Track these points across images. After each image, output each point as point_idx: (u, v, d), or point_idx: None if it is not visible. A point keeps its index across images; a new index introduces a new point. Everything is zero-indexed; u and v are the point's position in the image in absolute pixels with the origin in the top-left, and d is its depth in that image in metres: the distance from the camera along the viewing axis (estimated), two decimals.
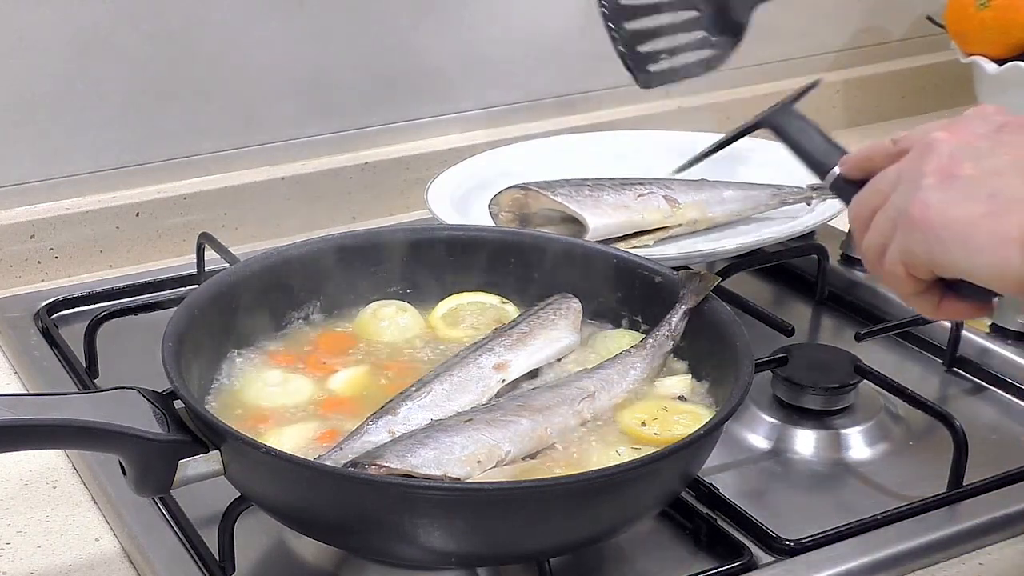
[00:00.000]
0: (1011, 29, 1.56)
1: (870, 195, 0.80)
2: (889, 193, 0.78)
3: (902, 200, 0.76)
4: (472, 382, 0.91)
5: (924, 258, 0.75)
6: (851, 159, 0.86)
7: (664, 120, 1.54)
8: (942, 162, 0.75)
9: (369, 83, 1.39)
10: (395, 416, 0.87)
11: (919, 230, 0.74)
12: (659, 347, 0.95)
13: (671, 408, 0.91)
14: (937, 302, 0.78)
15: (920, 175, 0.76)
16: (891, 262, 0.77)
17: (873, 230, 0.79)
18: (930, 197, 0.74)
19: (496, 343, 0.94)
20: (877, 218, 0.79)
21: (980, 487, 0.95)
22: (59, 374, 1.09)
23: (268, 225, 1.35)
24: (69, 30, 1.24)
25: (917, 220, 0.74)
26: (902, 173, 0.78)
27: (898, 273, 0.77)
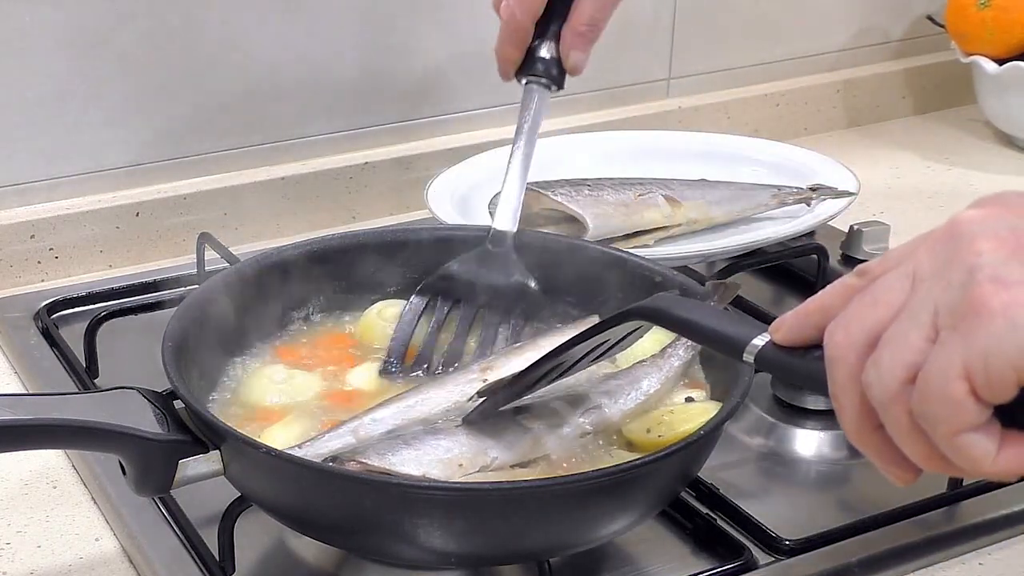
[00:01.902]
0: (1011, 29, 1.56)
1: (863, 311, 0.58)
2: (901, 300, 0.56)
3: (946, 293, 0.54)
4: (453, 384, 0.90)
5: (1012, 359, 0.52)
6: (787, 317, 0.63)
7: (664, 120, 1.54)
8: (1002, 236, 0.54)
9: (369, 83, 1.39)
10: (360, 420, 0.86)
11: (1002, 319, 0.52)
12: (677, 358, 0.92)
13: (677, 411, 0.89)
14: (998, 444, 0.54)
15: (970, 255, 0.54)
16: (940, 382, 0.53)
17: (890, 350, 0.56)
18: (1007, 273, 0.53)
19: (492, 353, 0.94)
20: (893, 331, 0.56)
21: (980, 487, 0.94)
22: (59, 374, 1.09)
23: (268, 225, 1.35)
24: (69, 30, 1.24)
25: (995, 306, 0.52)
26: (920, 269, 0.56)
27: (954, 396, 0.53)
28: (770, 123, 1.61)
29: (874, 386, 0.56)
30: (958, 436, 0.54)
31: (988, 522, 0.92)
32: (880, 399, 0.56)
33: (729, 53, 1.60)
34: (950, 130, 1.68)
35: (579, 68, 1.09)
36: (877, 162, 1.57)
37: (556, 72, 1.08)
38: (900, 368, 0.55)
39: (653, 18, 1.52)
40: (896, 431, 0.56)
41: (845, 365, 0.57)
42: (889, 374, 0.55)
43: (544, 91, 1.09)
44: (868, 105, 1.69)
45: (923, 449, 0.56)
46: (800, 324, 0.62)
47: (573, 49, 1.07)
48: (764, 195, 1.27)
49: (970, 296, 0.53)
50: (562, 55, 1.08)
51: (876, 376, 0.56)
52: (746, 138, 1.44)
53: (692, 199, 1.24)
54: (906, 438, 0.56)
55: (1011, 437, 0.54)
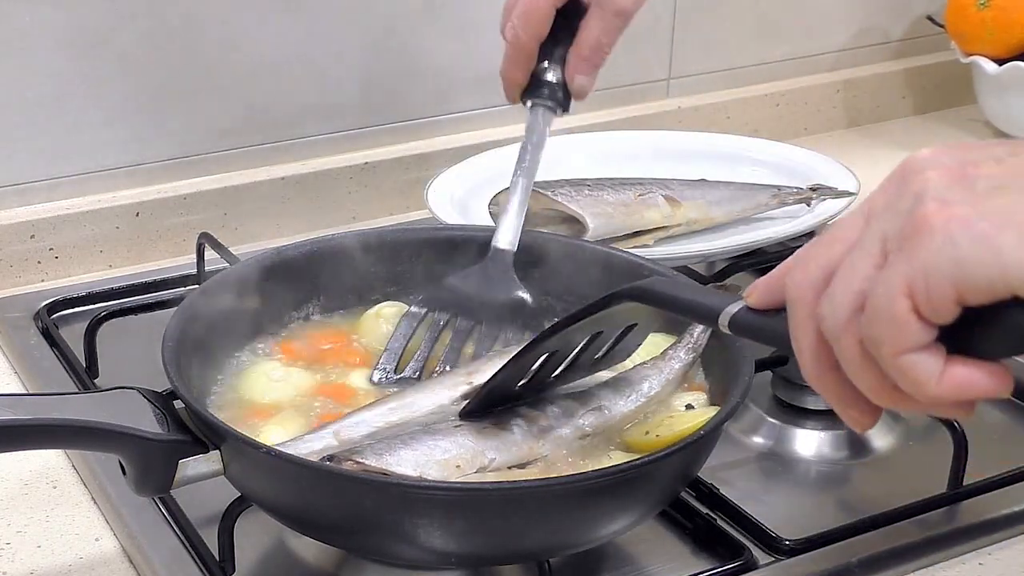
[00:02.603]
0: (1011, 29, 1.56)
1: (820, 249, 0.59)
2: (856, 236, 0.57)
3: (893, 220, 0.56)
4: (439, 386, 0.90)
5: (951, 274, 0.52)
6: (760, 281, 0.64)
7: (664, 120, 1.54)
8: (949, 166, 0.56)
9: (369, 83, 1.39)
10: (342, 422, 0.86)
11: (941, 234, 0.53)
12: (678, 360, 0.92)
13: (677, 416, 0.89)
14: (942, 366, 0.54)
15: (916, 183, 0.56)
16: (885, 301, 0.54)
17: (841, 280, 0.56)
18: (949, 195, 0.54)
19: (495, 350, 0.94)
20: (845, 263, 0.57)
21: (980, 487, 0.95)
22: (59, 374, 1.09)
23: (268, 225, 1.35)
24: (69, 30, 1.24)
25: (936, 223, 0.53)
26: (873, 206, 0.58)
27: (898, 314, 0.54)
28: (770, 123, 1.61)
29: (827, 318, 0.57)
30: (902, 356, 0.54)
31: (988, 522, 0.92)
32: (832, 330, 0.57)
33: (729, 53, 1.60)
34: (950, 130, 1.68)
35: (584, 92, 1.09)
36: (877, 162, 1.56)
37: (561, 95, 1.09)
38: (850, 296, 0.56)
39: (653, 18, 1.52)
40: (848, 362, 0.57)
41: (803, 304, 0.58)
42: (840, 303, 0.56)
43: (549, 114, 1.09)
44: (868, 105, 1.69)
45: (874, 379, 0.56)
46: (771, 285, 0.63)
47: (578, 73, 1.08)
48: (764, 195, 1.27)
49: (914, 218, 0.54)
50: (567, 79, 1.08)
51: (829, 308, 0.57)
52: (746, 138, 1.44)
53: (692, 199, 1.24)
54: (857, 369, 0.57)
55: (955, 360, 0.55)
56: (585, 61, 1.07)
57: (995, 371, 0.55)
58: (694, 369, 0.94)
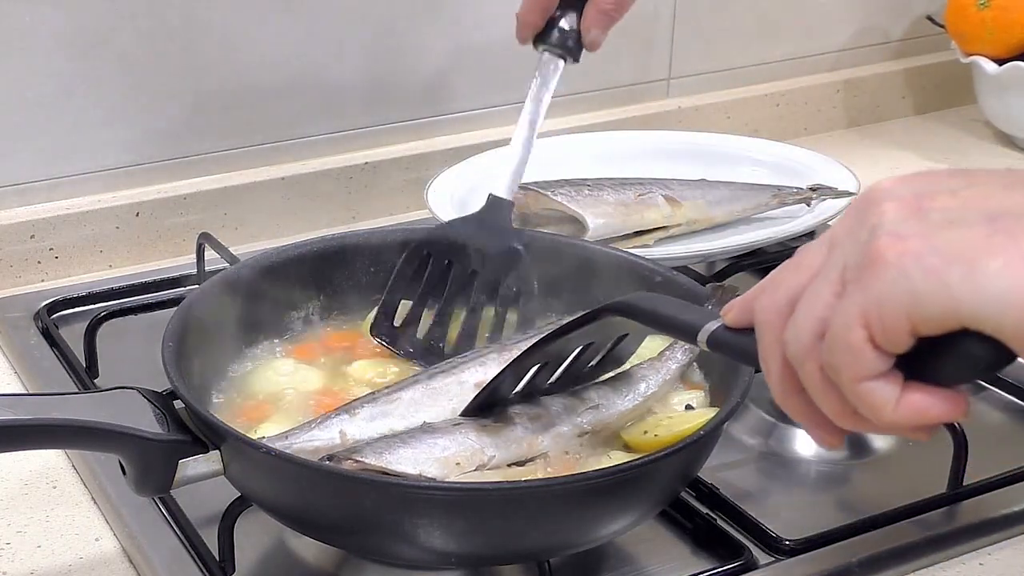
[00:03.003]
0: (1011, 29, 1.56)
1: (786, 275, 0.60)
2: (819, 265, 0.59)
3: (852, 250, 0.57)
4: (445, 395, 0.89)
5: (904, 306, 0.54)
6: (737, 300, 0.65)
7: (664, 120, 1.54)
8: (905, 199, 0.57)
9: (369, 83, 1.39)
10: (352, 417, 0.86)
11: (895, 268, 0.54)
12: (675, 361, 0.92)
13: (676, 417, 0.89)
14: (899, 393, 0.56)
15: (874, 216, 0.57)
16: (843, 331, 0.56)
17: (804, 308, 0.58)
18: (903, 228, 0.55)
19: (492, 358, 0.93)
20: (808, 291, 0.58)
21: (980, 487, 0.95)
22: (59, 374, 1.09)
23: (268, 225, 1.35)
24: (69, 30, 1.24)
25: (890, 257, 0.54)
26: (836, 235, 0.59)
27: (854, 344, 0.55)
28: (770, 123, 1.61)
29: (791, 344, 0.58)
30: (860, 383, 0.56)
31: (988, 522, 0.92)
32: (795, 355, 0.58)
33: (729, 53, 1.60)
34: (950, 130, 1.68)
35: (597, 45, 1.10)
36: (877, 162, 1.57)
37: (573, 45, 1.09)
38: (812, 322, 0.57)
39: (653, 18, 1.52)
40: (811, 386, 0.58)
41: (770, 328, 0.60)
42: (802, 330, 0.58)
43: (559, 62, 1.10)
44: (868, 105, 1.70)
45: (836, 403, 0.58)
46: (747, 307, 0.64)
47: (594, 26, 1.08)
48: (764, 195, 1.27)
49: (870, 250, 0.55)
50: (583, 30, 1.08)
51: (793, 334, 0.58)
52: (746, 138, 1.44)
53: (692, 199, 1.24)
54: (820, 393, 0.58)
55: (912, 387, 0.56)
56: (604, 15, 1.08)
57: (950, 397, 0.56)
58: (692, 369, 0.94)
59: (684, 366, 0.92)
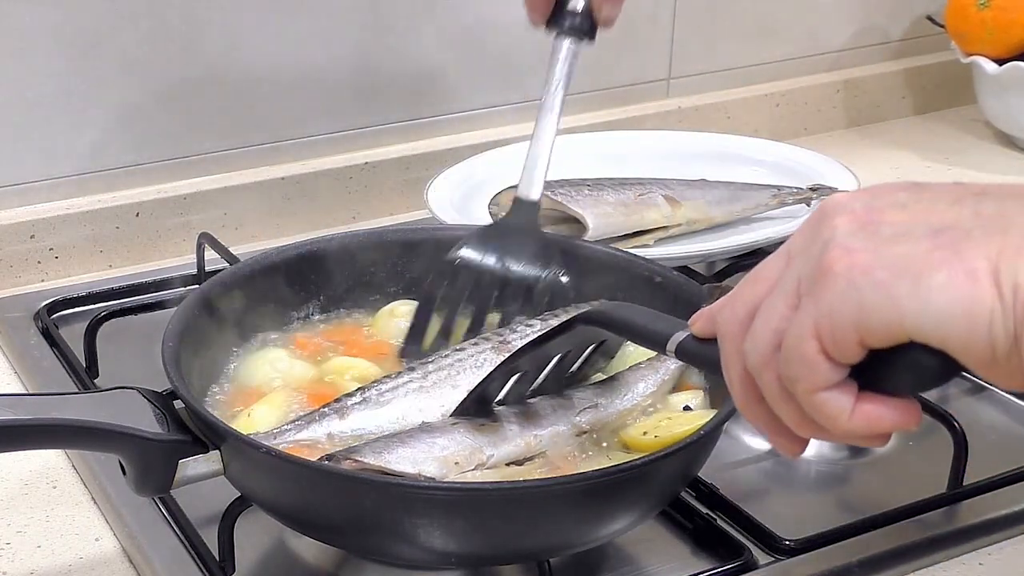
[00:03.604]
0: (1011, 29, 1.56)
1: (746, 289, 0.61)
2: (777, 277, 0.60)
3: (805, 264, 0.58)
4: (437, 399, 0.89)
5: (852, 318, 0.55)
6: (703, 311, 0.67)
7: (664, 120, 1.54)
8: (855, 211, 0.58)
9: (369, 83, 1.39)
10: (341, 419, 0.86)
11: (843, 280, 0.56)
12: (673, 362, 0.91)
13: (675, 418, 0.89)
14: (853, 402, 0.58)
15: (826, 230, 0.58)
16: (796, 342, 0.57)
17: (761, 320, 0.59)
18: (852, 242, 0.56)
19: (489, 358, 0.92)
20: (765, 304, 0.60)
21: (980, 487, 0.95)
22: (59, 374, 1.09)
23: (268, 225, 1.35)
24: (69, 30, 1.24)
25: (838, 269, 0.56)
26: (793, 248, 0.60)
27: (807, 356, 0.57)
28: (770, 123, 1.61)
29: (749, 354, 0.60)
30: (815, 394, 0.57)
31: (988, 522, 0.92)
32: (754, 366, 0.60)
33: (729, 53, 1.60)
34: (950, 130, 1.68)
35: (611, 21, 1.07)
36: (877, 162, 1.57)
37: (587, 25, 1.06)
38: (768, 334, 0.59)
39: (653, 18, 1.52)
40: (770, 396, 0.60)
41: (730, 339, 0.61)
42: (760, 341, 0.59)
43: (575, 45, 1.07)
44: (868, 105, 1.70)
45: (794, 413, 0.59)
46: (711, 316, 0.66)
47: (606, 2, 1.06)
48: (764, 195, 1.27)
49: (821, 262, 0.57)
50: (594, 7, 1.06)
51: (751, 345, 0.60)
52: (746, 138, 1.44)
53: (692, 199, 1.24)
54: (779, 402, 0.60)
55: (866, 396, 0.58)
56: None
57: (903, 406, 0.58)
58: (691, 370, 0.94)
59: (683, 366, 0.92)
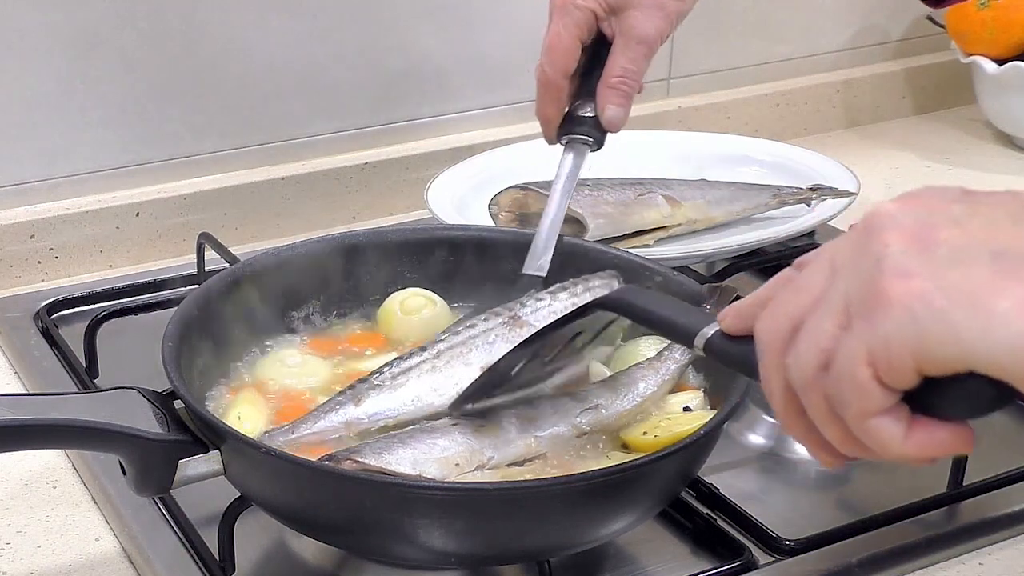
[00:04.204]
0: (1011, 29, 1.56)
1: (788, 298, 0.60)
2: (822, 287, 0.58)
3: (856, 282, 0.56)
4: (450, 379, 0.89)
5: (910, 346, 0.54)
6: (733, 307, 0.66)
7: (664, 120, 1.54)
8: (909, 229, 0.56)
9: (369, 83, 1.39)
10: (357, 406, 0.87)
11: (900, 307, 0.54)
12: (673, 361, 0.92)
13: (675, 418, 0.89)
14: (906, 427, 0.56)
15: (878, 246, 0.56)
16: (848, 367, 0.55)
17: (807, 337, 0.58)
18: (908, 264, 0.54)
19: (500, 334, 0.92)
20: (811, 319, 0.58)
21: (980, 487, 0.95)
22: (59, 374, 1.09)
23: (268, 225, 1.35)
24: (69, 30, 1.24)
25: (895, 295, 0.54)
26: (839, 259, 0.58)
27: (860, 381, 0.55)
28: (770, 123, 1.61)
29: (793, 372, 0.58)
30: (867, 420, 0.56)
31: (988, 522, 0.92)
32: (798, 384, 0.58)
33: (729, 53, 1.60)
34: (950, 130, 1.68)
35: (616, 123, 1.08)
36: (877, 162, 1.57)
37: (596, 131, 1.08)
38: (815, 354, 0.57)
39: None
40: (815, 415, 0.58)
41: (771, 352, 0.60)
42: (805, 360, 0.57)
43: (582, 148, 1.08)
44: (868, 105, 1.70)
45: (840, 433, 0.58)
46: (743, 314, 0.64)
47: (608, 103, 1.06)
48: (764, 195, 1.27)
49: (875, 286, 0.55)
50: (599, 110, 1.07)
51: (795, 362, 0.58)
52: (746, 138, 1.44)
53: (692, 199, 1.24)
54: (824, 422, 0.58)
55: (919, 422, 0.56)
56: (613, 90, 1.06)
57: (958, 431, 0.57)
58: (690, 370, 0.94)
59: (683, 366, 0.92)
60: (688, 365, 0.93)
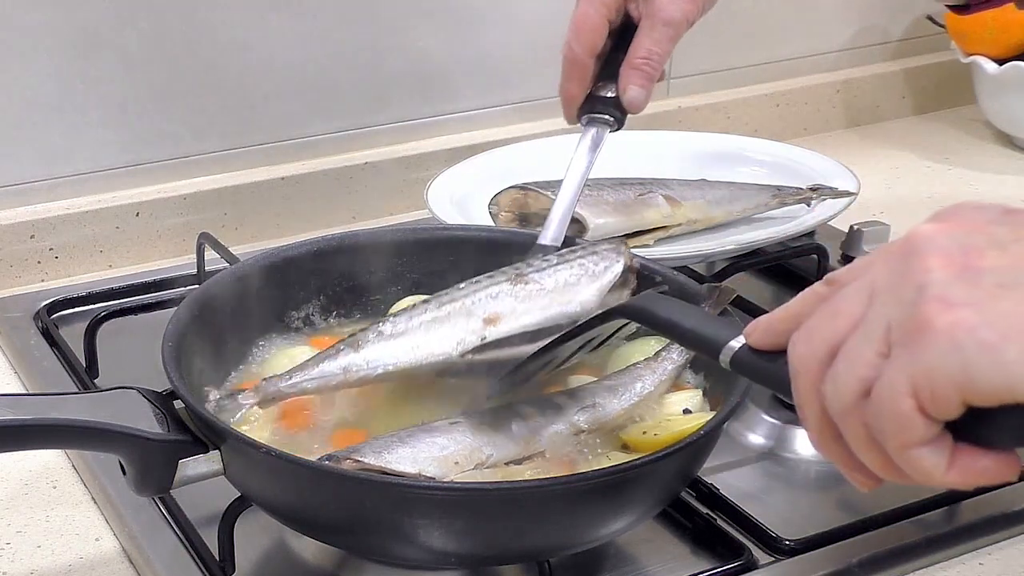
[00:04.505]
0: (1011, 29, 1.56)
1: (824, 323, 0.58)
2: (859, 312, 0.57)
3: (897, 309, 0.55)
4: (451, 329, 0.88)
5: (955, 379, 0.53)
6: (761, 321, 0.64)
7: (664, 120, 1.54)
8: (952, 254, 0.55)
9: (369, 83, 1.39)
10: (356, 351, 0.86)
11: (945, 339, 0.53)
12: (671, 362, 0.92)
13: (675, 418, 0.89)
14: (949, 456, 0.55)
15: (920, 272, 0.55)
16: (889, 398, 0.55)
17: (845, 364, 0.57)
18: (952, 293, 0.53)
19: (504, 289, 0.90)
20: (849, 346, 0.57)
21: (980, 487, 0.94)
22: (59, 374, 1.09)
23: (268, 225, 1.35)
24: (69, 30, 1.24)
25: (939, 326, 0.53)
26: (877, 282, 0.57)
27: (902, 412, 0.54)
28: (770, 123, 1.61)
29: (831, 399, 0.58)
30: (909, 450, 0.55)
31: (988, 522, 0.92)
32: (837, 411, 0.57)
33: (729, 53, 1.60)
34: (950, 130, 1.68)
35: (637, 103, 1.07)
36: (877, 162, 1.57)
37: (617, 112, 1.07)
38: (854, 382, 0.56)
39: None
40: (853, 442, 0.58)
41: (807, 376, 0.59)
42: (845, 388, 0.57)
43: (602, 128, 1.08)
44: (868, 105, 1.70)
45: (879, 460, 0.57)
46: (772, 330, 0.63)
47: (630, 84, 1.06)
48: (764, 195, 1.27)
49: (918, 315, 0.54)
50: (620, 90, 1.06)
51: (833, 389, 0.57)
52: (746, 138, 1.44)
53: (692, 199, 1.24)
54: (863, 449, 0.58)
55: (963, 450, 0.55)
56: (636, 70, 1.06)
57: (1003, 459, 0.56)
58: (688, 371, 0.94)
59: (680, 367, 0.92)
60: (686, 365, 0.93)
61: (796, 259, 1.26)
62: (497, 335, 0.88)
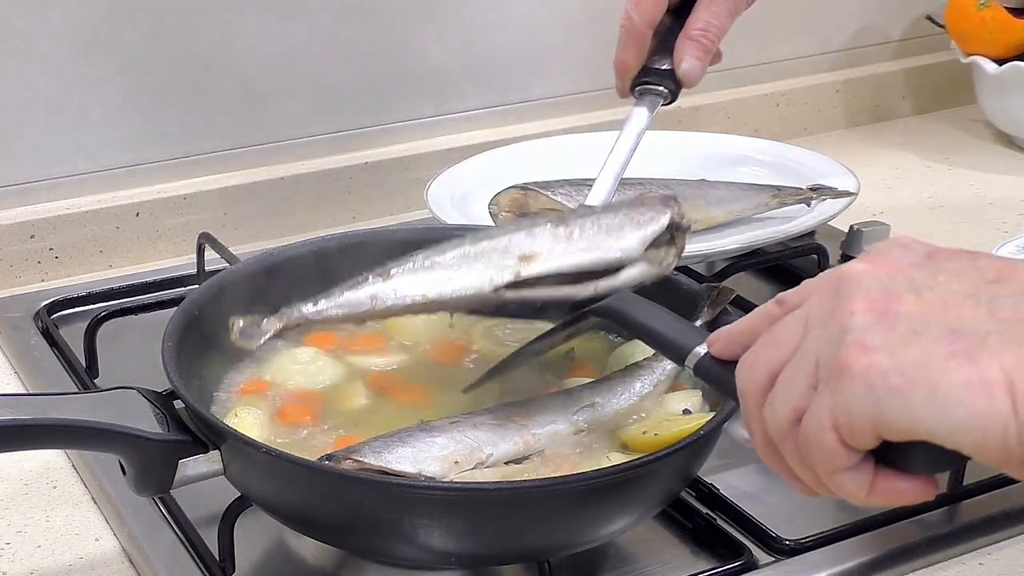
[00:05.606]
0: (1011, 29, 1.56)
1: (766, 350, 0.63)
2: (796, 343, 0.62)
3: (825, 347, 0.60)
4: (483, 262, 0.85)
5: (870, 417, 0.58)
6: (723, 333, 0.69)
7: (664, 120, 1.54)
8: (872, 296, 0.59)
9: (369, 83, 1.39)
10: (385, 281, 0.84)
11: (861, 381, 0.57)
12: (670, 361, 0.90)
13: (674, 418, 0.89)
14: (870, 481, 0.61)
15: (844, 314, 0.59)
16: (816, 429, 0.60)
17: (781, 393, 0.62)
18: (869, 338, 0.58)
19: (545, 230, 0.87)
20: (785, 376, 0.62)
21: (980, 487, 0.94)
22: (59, 374, 1.09)
23: (268, 225, 1.35)
24: (69, 30, 1.24)
25: (856, 369, 0.57)
26: (811, 316, 0.61)
27: (826, 443, 0.59)
28: (770, 123, 1.61)
29: (769, 422, 0.63)
30: (834, 475, 0.61)
31: (988, 522, 0.92)
32: (774, 434, 0.63)
33: (729, 53, 1.60)
34: (950, 130, 1.68)
35: (691, 76, 1.06)
36: (877, 162, 1.57)
37: (671, 83, 1.06)
38: (788, 410, 0.61)
39: None
40: (791, 460, 0.63)
41: (751, 398, 0.64)
42: (781, 414, 0.62)
43: (655, 99, 1.07)
44: (868, 105, 1.70)
45: (812, 478, 0.63)
46: (731, 341, 0.69)
47: (685, 55, 1.05)
48: (764, 195, 1.27)
49: (839, 356, 0.59)
50: (675, 62, 1.05)
51: (771, 414, 0.63)
52: (746, 138, 1.44)
53: (692, 199, 1.24)
54: (798, 467, 0.63)
55: (883, 475, 0.61)
56: (692, 42, 1.05)
57: (919, 482, 0.61)
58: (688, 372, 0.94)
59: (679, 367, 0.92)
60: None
61: (796, 259, 1.26)
62: (531, 273, 0.85)
